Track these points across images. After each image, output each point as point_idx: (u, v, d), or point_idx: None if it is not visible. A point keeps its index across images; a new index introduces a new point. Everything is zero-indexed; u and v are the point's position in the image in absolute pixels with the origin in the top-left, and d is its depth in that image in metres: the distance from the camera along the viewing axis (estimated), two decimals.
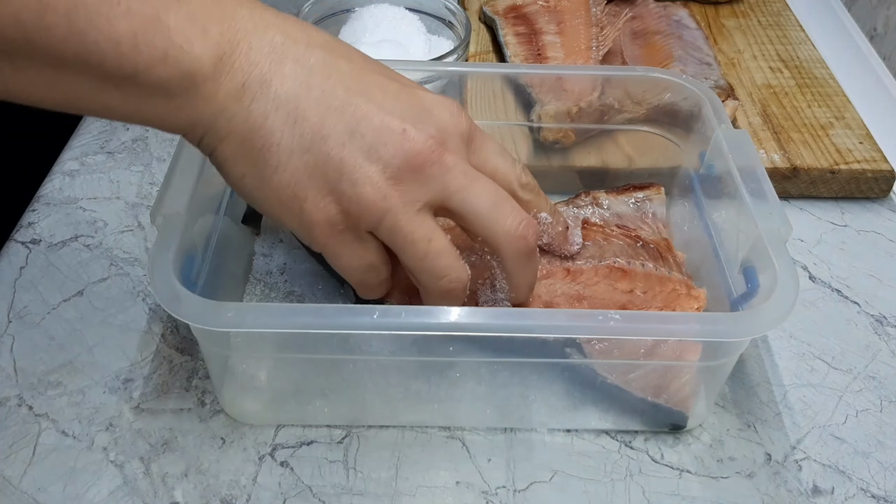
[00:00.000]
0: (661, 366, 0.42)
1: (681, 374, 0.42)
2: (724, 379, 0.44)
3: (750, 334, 0.38)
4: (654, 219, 0.51)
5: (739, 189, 0.44)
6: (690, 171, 0.52)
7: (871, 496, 0.42)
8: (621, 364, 0.42)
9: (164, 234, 0.39)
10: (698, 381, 0.43)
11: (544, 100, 0.58)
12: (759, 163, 0.45)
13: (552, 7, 0.70)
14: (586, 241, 0.49)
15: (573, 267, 0.47)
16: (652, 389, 0.43)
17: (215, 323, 0.36)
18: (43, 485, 0.41)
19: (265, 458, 0.43)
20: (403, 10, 0.69)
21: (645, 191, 0.53)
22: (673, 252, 0.48)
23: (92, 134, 0.64)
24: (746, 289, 0.41)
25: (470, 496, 0.41)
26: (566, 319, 0.38)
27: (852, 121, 0.64)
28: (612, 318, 0.37)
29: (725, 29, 0.76)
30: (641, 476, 0.43)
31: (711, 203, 0.49)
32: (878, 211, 0.60)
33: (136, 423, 0.44)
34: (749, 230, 0.42)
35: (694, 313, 0.44)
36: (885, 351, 0.50)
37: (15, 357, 0.47)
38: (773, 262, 0.39)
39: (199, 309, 0.36)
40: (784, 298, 0.38)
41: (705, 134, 0.50)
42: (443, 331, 0.38)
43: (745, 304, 0.41)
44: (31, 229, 0.55)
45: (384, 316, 0.36)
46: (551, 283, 0.46)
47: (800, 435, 0.45)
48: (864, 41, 0.78)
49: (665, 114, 0.54)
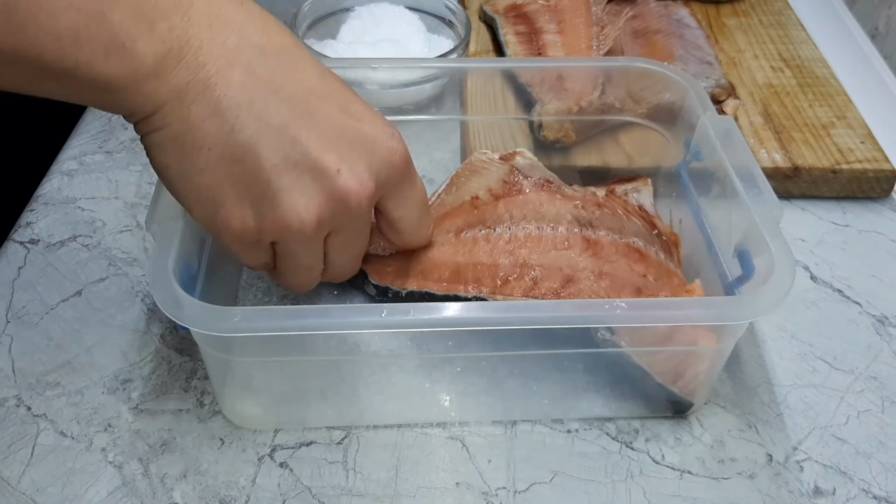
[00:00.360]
0: (681, 352, 0.42)
1: (699, 361, 0.42)
2: (722, 364, 0.44)
3: (754, 315, 0.38)
4: (642, 211, 0.51)
5: (729, 175, 0.44)
6: (676, 162, 0.52)
7: (873, 497, 0.42)
8: (651, 353, 0.42)
9: (161, 241, 0.39)
10: (711, 367, 0.43)
11: (545, 99, 0.58)
12: (747, 148, 0.45)
13: (553, 6, 0.70)
14: (605, 209, 0.48)
15: (592, 237, 0.46)
16: (671, 375, 0.43)
17: (221, 328, 0.36)
18: (41, 485, 0.41)
19: (264, 458, 0.42)
20: (403, 9, 0.69)
21: (632, 182, 0.52)
22: (679, 249, 0.48)
23: (90, 134, 0.64)
24: (742, 273, 0.41)
25: (470, 497, 0.41)
26: (572, 310, 0.38)
27: (854, 120, 0.63)
28: (619, 307, 0.37)
29: (726, 28, 0.75)
30: (642, 477, 0.42)
31: (700, 191, 0.49)
32: (880, 211, 0.60)
33: (135, 424, 0.44)
34: (741, 214, 0.42)
35: (698, 298, 0.44)
36: (887, 351, 0.50)
37: (13, 357, 0.47)
38: (768, 244, 0.40)
39: (204, 314, 0.36)
40: (783, 278, 0.38)
41: (690, 122, 0.50)
42: (449, 326, 0.38)
43: (739, 287, 0.41)
44: (29, 229, 0.55)
45: (392, 314, 0.36)
46: (571, 255, 0.45)
47: (801, 436, 0.45)
48: (866, 40, 0.78)
49: (665, 114, 0.54)
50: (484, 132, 0.60)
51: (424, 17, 0.69)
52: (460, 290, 0.44)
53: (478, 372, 0.43)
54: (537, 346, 0.42)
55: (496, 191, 0.48)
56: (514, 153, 0.50)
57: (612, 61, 0.57)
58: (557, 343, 0.42)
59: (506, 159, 0.50)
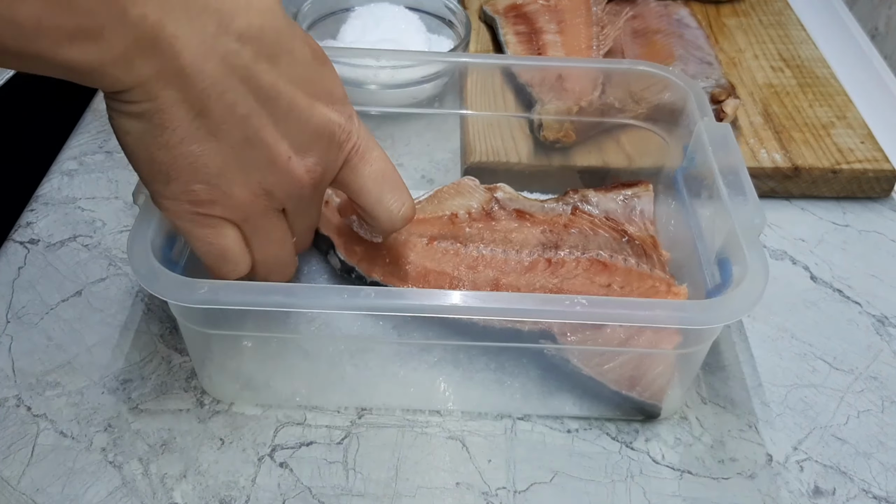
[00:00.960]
0: (635, 357, 0.42)
1: (654, 364, 0.43)
2: (696, 367, 0.44)
3: (714, 322, 0.38)
4: (641, 216, 0.52)
5: (717, 181, 0.44)
6: (675, 166, 0.52)
7: (873, 497, 0.42)
8: (596, 355, 0.43)
9: (145, 212, 0.40)
10: (672, 371, 0.43)
11: (545, 99, 0.58)
12: (740, 156, 0.45)
13: (553, 6, 0.70)
14: (572, 229, 0.49)
15: (555, 258, 0.48)
16: (626, 382, 0.43)
17: (189, 299, 0.37)
18: (41, 485, 0.41)
19: (264, 458, 0.42)
20: (403, 9, 0.69)
21: (633, 188, 0.53)
22: (658, 250, 0.49)
23: (90, 134, 0.64)
24: (720, 280, 0.41)
25: (470, 497, 0.41)
26: (533, 304, 0.38)
27: (854, 120, 0.63)
28: (579, 304, 0.37)
29: (726, 28, 0.75)
30: (642, 477, 0.42)
31: (693, 197, 0.49)
32: (880, 211, 0.60)
33: (135, 424, 0.44)
34: (724, 222, 0.42)
35: (659, 300, 0.44)
36: (887, 351, 0.50)
37: (13, 357, 0.47)
38: (744, 253, 0.39)
39: (174, 285, 0.37)
40: (752, 288, 0.38)
41: (689, 128, 0.50)
42: (407, 312, 0.39)
43: (717, 295, 0.41)
44: (29, 229, 0.55)
45: (353, 297, 0.37)
46: (530, 276, 0.47)
47: (801, 436, 0.45)
48: (866, 40, 0.78)
49: (665, 113, 0.54)
50: (484, 132, 0.60)
51: (424, 17, 0.69)
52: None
53: (454, 363, 0.44)
54: (507, 340, 0.43)
55: (474, 214, 0.51)
56: (497, 187, 0.53)
57: (615, 64, 0.57)
58: (523, 338, 0.43)
59: (489, 190, 0.53)
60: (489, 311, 0.39)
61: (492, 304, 0.38)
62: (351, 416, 0.45)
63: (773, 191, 0.60)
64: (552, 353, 0.43)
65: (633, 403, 0.44)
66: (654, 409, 0.44)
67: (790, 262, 0.55)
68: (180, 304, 0.38)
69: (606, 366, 0.43)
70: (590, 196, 0.52)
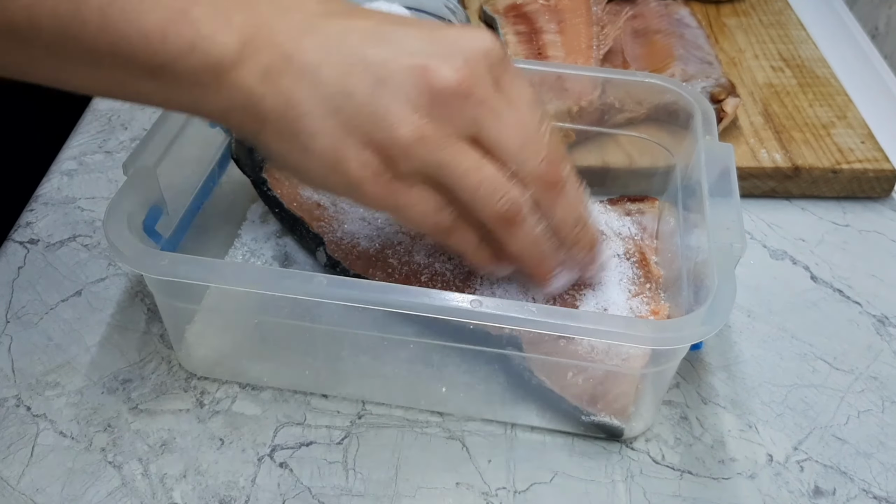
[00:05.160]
0: (599, 375, 0.41)
1: (617, 383, 0.42)
2: (664, 387, 0.43)
3: (662, 344, 0.37)
4: (643, 232, 0.51)
5: (704, 202, 0.43)
6: (678, 182, 0.51)
7: (873, 497, 0.42)
8: (558, 368, 0.42)
9: (128, 184, 0.41)
10: (636, 390, 0.42)
11: (545, 99, 0.58)
12: (734, 177, 0.44)
13: (553, 6, 0.70)
14: None
15: None
16: (587, 398, 0.42)
17: (150, 270, 0.38)
18: (41, 485, 0.41)
19: (264, 458, 0.42)
20: (402, 9, 0.68)
21: (638, 203, 0.52)
22: (648, 266, 0.48)
23: (90, 134, 0.64)
24: (695, 301, 0.40)
25: (470, 497, 0.41)
26: (492, 308, 0.37)
27: (854, 120, 0.63)
28: (529, 311, 0.37)
29: (727, 28, 0.75)
30: (642, 477, 0.42)
31: (687, 214, 0.48)
32: (880, 211, 0.60)
33: (135, 424, 0.44)
34: (705, 244, 0.41)
35: (618, 316, 0.43)
36: (887, 351, 0.50)
37: (13, 357, 0.47)
38: (714, 277, 0.38)
39: (139, 256, 0.38)
40: (713, 314, 0.37)
41: (694, 145, 0.49)
42: (349, 301, 0.37)
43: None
44: (29, 229, 0.55)
45: (304, 282, 0.37)
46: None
47: (801, 436, 0.45)
48: (866, 40, 0.78)
49: (666, 114, 0.53)
50: None
51: (424, 17, 0.69)
52: None
53: (425, 361, 0.44)
54: (478, 343, 0.42)
55: None
56: None
57: (628, 75, 0.55)
58: (491, 343, 0.42)
59: None
60: (449, 311, 0.37)
61: (446, 304, 0.37)
62: (351, 416, 0.45)
63: (773, 191, 0.60)
64: (517, 361, 0.43)
65: (594, 421, 0.43)
66: (616, 430, 0.43)
67: (790, 262, 0.55)
68: (153, 277, 0.39)
69: (567, 380, 0.42)
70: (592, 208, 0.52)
